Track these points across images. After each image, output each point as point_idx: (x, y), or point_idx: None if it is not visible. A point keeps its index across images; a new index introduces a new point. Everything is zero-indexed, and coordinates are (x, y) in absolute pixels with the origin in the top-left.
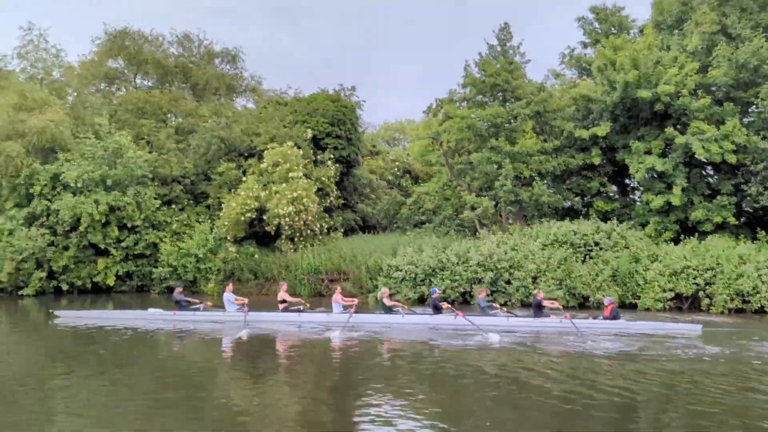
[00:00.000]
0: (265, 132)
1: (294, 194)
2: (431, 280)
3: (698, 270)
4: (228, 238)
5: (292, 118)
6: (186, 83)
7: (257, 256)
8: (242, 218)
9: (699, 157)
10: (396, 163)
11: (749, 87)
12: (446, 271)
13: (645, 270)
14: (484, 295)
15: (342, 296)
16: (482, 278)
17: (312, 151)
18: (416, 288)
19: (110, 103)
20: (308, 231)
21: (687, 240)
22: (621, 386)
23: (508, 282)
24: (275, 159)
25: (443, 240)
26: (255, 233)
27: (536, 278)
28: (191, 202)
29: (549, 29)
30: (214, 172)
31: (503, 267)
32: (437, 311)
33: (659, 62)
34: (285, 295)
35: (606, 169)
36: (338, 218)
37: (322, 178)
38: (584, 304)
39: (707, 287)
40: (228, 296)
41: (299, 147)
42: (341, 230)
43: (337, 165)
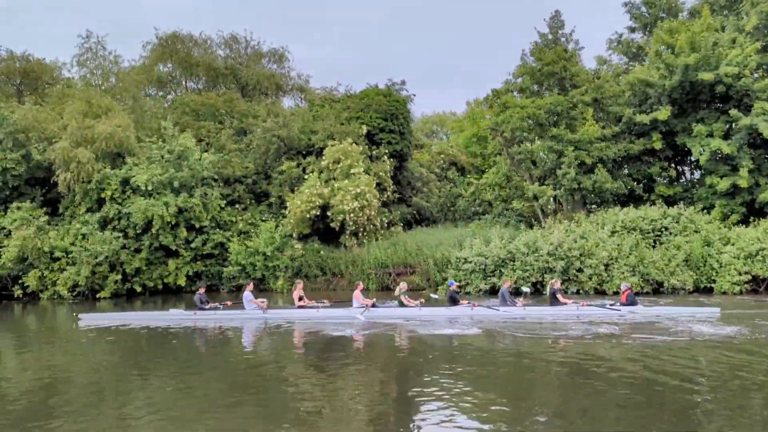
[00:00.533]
0: (322, 129)
1: (357, 190)
2: (501, 271)
3: None
4: (293, 236)
5: (347, 115)
6: (235, 85)
7: (323, 253)
8: (307, 215)
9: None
10: (441, 156)
11: None
12: (516, 262)
13: (719, 253)
14: (508, 286)
15: (362, 295)
16: (553, 267)
17: (367, 147)
18: (487, 279)
19: (165, 107)
20: (371, 226)
21: (757, 222)
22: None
23: (580, 270)
24: (336, 156)
25: (506, 231)
26: (318, 230)
27: (608, 266)
28: (253, 202)
29: (585, 16)
30: (274, 171)
31: (574, 255)
32: (454, 303)
33: (716, 43)
34: (301, 293)
35: (665, 154)
36: (396, 212)
37: (380, 173)
38: (658, 290)
39: None
40: (247, 295)
41: (357, 143)
42: (400, 224)
43: (392, 159)
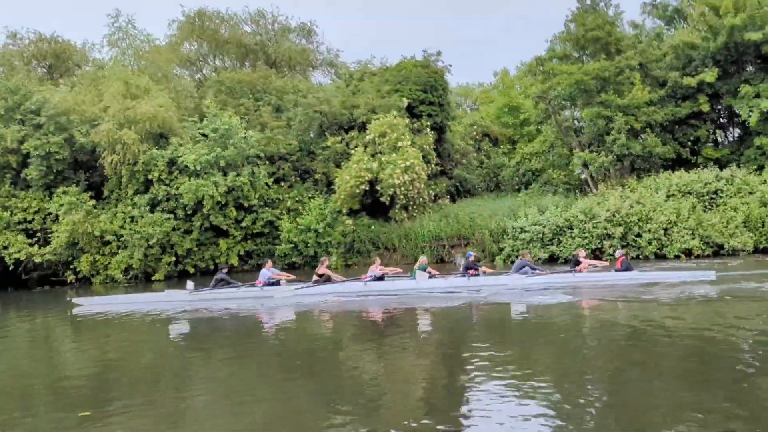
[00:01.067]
0: (363, 103)
1: (407, 163)
2: (560, 239)
3: None
4: (342, 212)
5: (388, 88)
6: (264, 61)
7: (374, 228)
8: (356, 190)
9: None
10: (474, 127)
11: None
12: (575, 229)
13: None
14: (527, 258)
15: (381, 267)
16: (612, 234)
17: (408, 120)
18: (545, 248)
19: (197, 86)
20: (420, 199)
21: None
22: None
23: (638, 236)
24: (381, 129)
25: (553, 199)
26: (367, 205)
27: (667, 230)
28: (298, 179)
29: None
30: (317, 148)
31: (632, 221)
32: (466, 272)
33: (762, 3)
34: (326, 270)
35: (711, 116)
36: (441, 184)
37: (423, 146)
38: (719, 252)
39: None
40: (265, 273)
41: (400, 116)
42: (447, 197)
43: (433, 132)
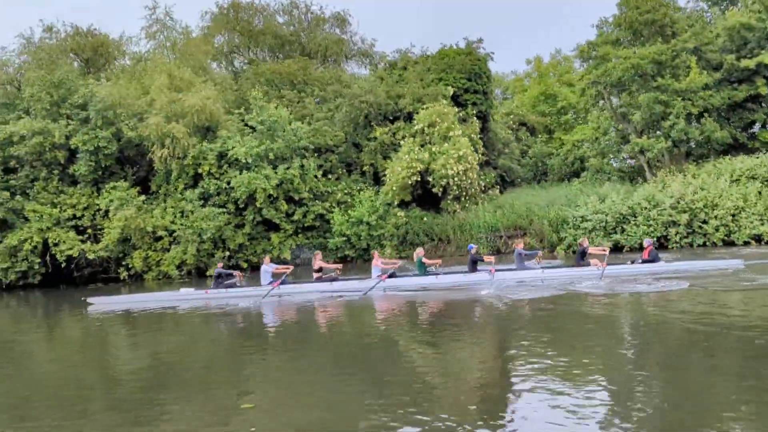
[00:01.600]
0: (409, 93)
1: (460, 152)
2: (623, 228)
3: None
4: (394, 203)
5: (433, 77)
6: (300, 52)
7: (426, 219)
8: (408, 182)
9: None
10: (510, 116)
11: None
12: (639, 217)
13: None
14: (522, 247)
15: (382, 260)
16: (677, 221)
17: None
18: (609, 236)
19: (235, 78)
20: (473, 189)
21: None
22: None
23: (704, 222)
24: (431, 119)
25: (614, 187)
26: (417, 196)
27: (735, 216)
28: (344, 171)
29: None
30: (362, 139)
31: (698, 207)
32: (474, 268)
33: None
34: (321, 263)
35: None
36: (490, 174)
37: (471, 135)
38: None
39: None
40: (265, 268)
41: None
42: (497, 187)
43: (478, 121)
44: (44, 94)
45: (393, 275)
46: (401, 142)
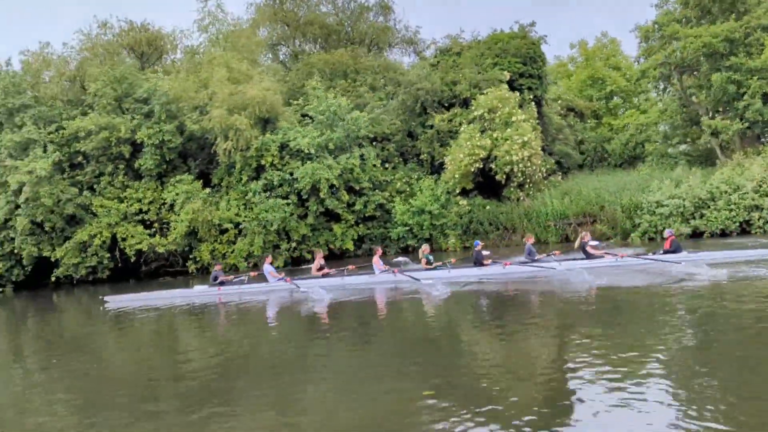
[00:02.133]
0: (465, 79)
1: (525, 138)
2: (702, 213)
3: None
4: (456, 191)
5: (490, 61)
6: (346, 41)
7: (489, 207)
8: (471, 169)
9: None
10: (558, 102)
11: None
12: (719, 202)
13: None
14: (532, 242)
15: (381, 260)
16: (760, 205)
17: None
18: (687, 222)
19: (286, 68)
20: (537, 176)
21: None
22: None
23: None
24: (492, 104)
25: (690, 170)
26: (478, 184)
27: None
28: (401, 160)
29: None
30: (418, 127)
31: None
32: (479, 264)
33: None
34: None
35: None
36: (550, 161)
37: (529, 121)
38: None
39: None
40: (267, 268)
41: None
42: (559, 173)
43: (535, 106)
44: (109, 89)
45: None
46: (459, 129)
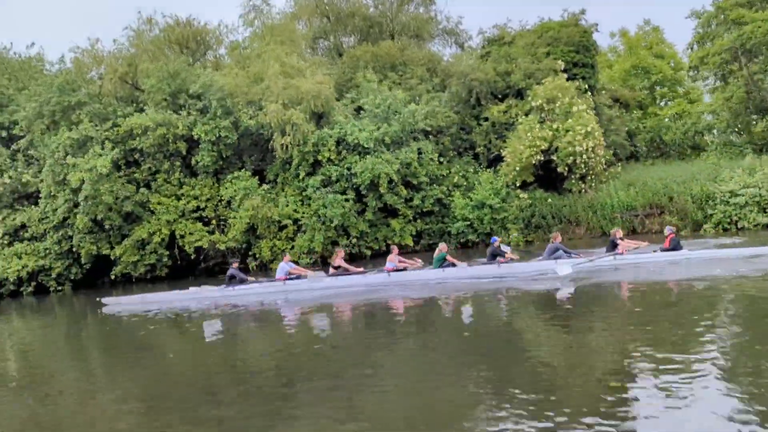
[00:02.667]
0: (518, 69)
1: (588, 128)
2: None
3: None
4: (516, 184)
5: (543, 50)
6: (388, 33)
7: (551, 200)
8: (532, 161)
9: None
10: (602, 92)
11: None
12: None
13: None
14: (559, 241)
15: (399, 258)
16: None
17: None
18: (764, 212)
19: (334, 61)
20: (599, 167)
21: None
22: None
23: None
24: (552, 94)
25: (746, 160)
26: (537, 176)
27: None
28: (455, 153)
29: None
30: (472, 119)
31: None
32: (493, 260)
33: None
34: (341, 262)
35: None
36: (608, 152)
37: (589, 111)
38: None
39: None
40: (284, 266)
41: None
42: (618, 164)
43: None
44: (165, 86)
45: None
46: (515, 121)
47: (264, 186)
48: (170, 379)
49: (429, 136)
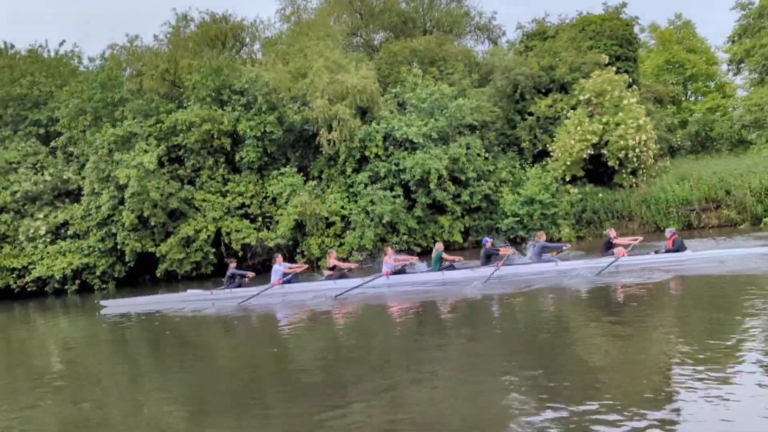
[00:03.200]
0: (563, 63)
1: (640, 121)
2: None
3: None
4: (566, 179)
5: (588, 44)
6: (421, 29)
7: (601, 195)
8: (583, 156)
9: None
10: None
11: None
12: None
13: None
14: (544, 240)
15: (395, 257)
16: None
17: None
18: None
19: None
20: (650, 161)
21: None
22: None
23: None
24: (600, 87)
25: None
26: (587, 171)
27: None
28: (499, 149)
29: None
30: (516, 114)
31: None
32: (488, 262)
33: None
34: (336, 262)
35: None
36: (656, 146)
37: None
38: None
39: None
40: (278, 268)
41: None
42: (667, 158)
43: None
44: (209, 81)
45: (402, 271)
46: (561, 115)
47: (312, 182)
48: (218, 378)
49: (475, 131)
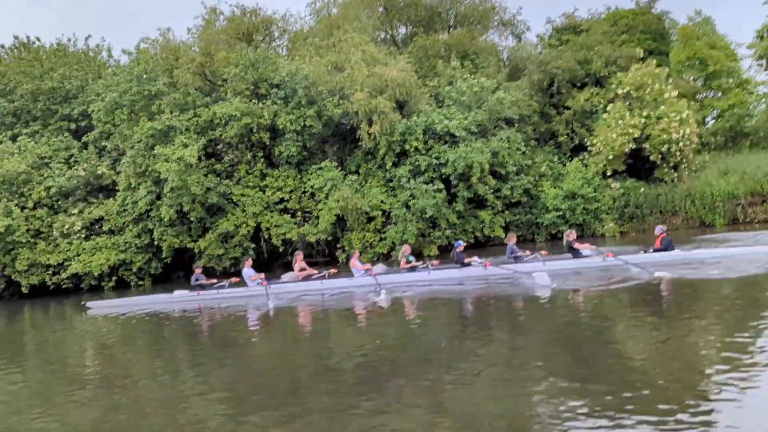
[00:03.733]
0: (598, 57)
1: (683, 115)
2: None
3: None
4: (608, 173)
5: (622, 39)
6: (447, 24)
7: (644, 189)
8: (625, 149)
9: None
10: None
11: None
12: None
13: None
14: (515, 242)
15: (360, 261)
16: None
17: None
18: None
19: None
20: (692, 155)
21: None
22: None
23: None
24: (641, 81)
25: None
26: (628, 165)
27: None
28: (535, 143)
29: None
30: (551, 108)
31: None
32: (464, 265)
33: None
34: (303, 264)
35: None
36: (699, 138)
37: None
38: None
39: None
40: (247, 271)
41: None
42: (705, 152)
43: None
44: (248, 74)
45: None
46: (597, 109)
47: (352, 177)
48: (257, 373)
49: (513, 125)
